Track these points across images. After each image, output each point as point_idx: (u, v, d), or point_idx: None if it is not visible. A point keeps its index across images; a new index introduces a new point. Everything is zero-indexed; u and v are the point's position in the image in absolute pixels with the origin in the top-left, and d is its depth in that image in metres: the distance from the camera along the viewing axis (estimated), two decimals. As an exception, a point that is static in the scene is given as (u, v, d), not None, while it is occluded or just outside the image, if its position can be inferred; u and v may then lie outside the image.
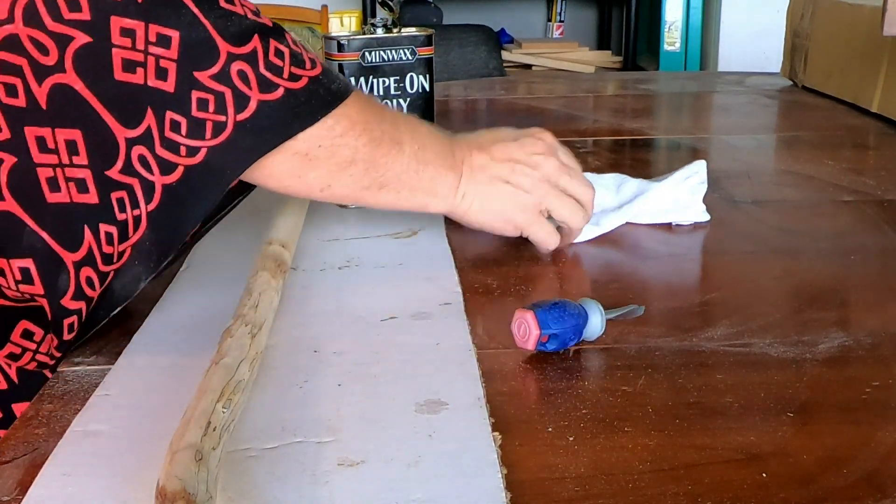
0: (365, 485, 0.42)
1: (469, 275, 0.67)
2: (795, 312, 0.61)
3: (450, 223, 0.78)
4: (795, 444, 0.45)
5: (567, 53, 2.84)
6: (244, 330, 0.51)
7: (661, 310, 0.61)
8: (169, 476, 0.37)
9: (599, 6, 3.19)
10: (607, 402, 0.50)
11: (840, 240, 0.76)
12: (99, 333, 0.59)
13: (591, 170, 0.97)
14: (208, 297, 0.64)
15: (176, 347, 0.56)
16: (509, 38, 3.01)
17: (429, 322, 0.59)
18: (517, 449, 0.45)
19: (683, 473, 0.43)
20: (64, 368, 0.55)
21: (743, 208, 0.84)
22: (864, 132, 1.15)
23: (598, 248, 0.73)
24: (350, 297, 0.64)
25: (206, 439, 0.40)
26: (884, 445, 0.45)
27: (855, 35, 1.25)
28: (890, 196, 0.86)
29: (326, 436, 0.46)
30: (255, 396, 0.50)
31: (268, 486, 0.42)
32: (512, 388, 0.51)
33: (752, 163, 1.02)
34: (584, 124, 1.24)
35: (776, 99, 1.39)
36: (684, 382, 0.52)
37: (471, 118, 1.36)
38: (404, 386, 0.51)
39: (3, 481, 0.43)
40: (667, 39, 2.71)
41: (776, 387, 0.51)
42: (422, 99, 0.82)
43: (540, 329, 0.53)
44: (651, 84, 1.58)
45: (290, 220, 0.71)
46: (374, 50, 0.79)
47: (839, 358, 0.54)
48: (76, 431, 0.47)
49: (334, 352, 0.55)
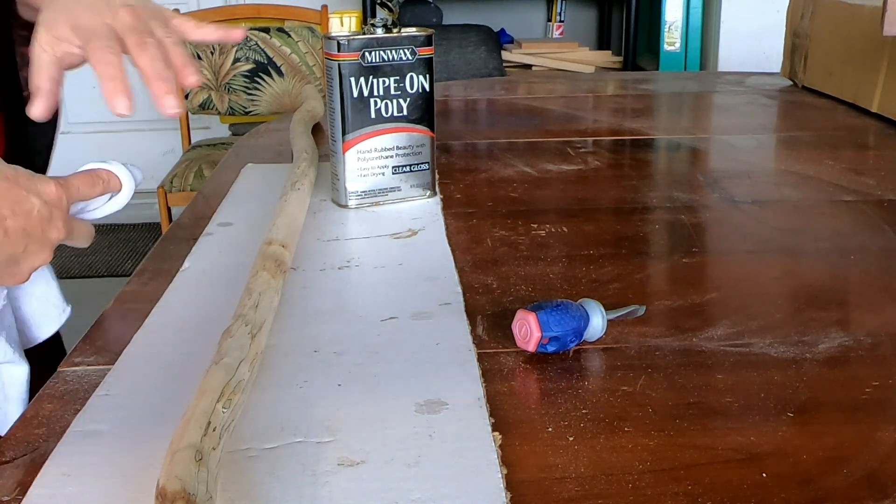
0: (365, 485, 0.42)
1: (469, 275, 0.67)
2: (795, 312, 0.61)
3: (450, 223, 0.78)
4: (795, 444, 0.45)
5: (567, 53, 2.84)
6: (244, 330, 0.51)
7: (661, 310, 0.61)
8: (169, 476, 0.37)
9: (599, 6, 3.19)
10: (607, 402, 0.50)
11: (840, 240, 0.76)
12: (99, 334, 0.59)
13: (590, 169, 0.98)
14: (208, 297, 0.64)
15: (176, 347, 0.56)
16: (509, 38, 3.01)
17: (429, 322, 0.59)
18: (517, 449, 0.45)
19: (683, 473, 0.43)
20: (64, 368, 0.55)
21: (743, 208, 0.84)
22: (864, 132, 1.15)
23: (597, 248, 0.73)
24: (350, 297, 0.64)
25: (206, 439, 0.40)
26: (884, 445, 0.45)
27: (855, 35, 1.25)
28: (890, 196, 0.86)
29: (326, 436, 0.46)
30: (255, 396, 0.50)
31: (268, 486, 0.42)
32: (512, 388, 0.51)
33: (752, 163, 1.02)
34: (584, 124, 1.24)
35: (776, 99, 1.39)
36: (684, 382, 0.52)
37: (471, 118, 1.36)
38: (404, 386, 0.51)
39: (3, 481, 0.43)
40: (667, 39, 2.71)
41: (776, 387, 0.51)
42: (422, 99, 0.82)
43: (541, 331, 0.53)
44: (651, 84, 1.58)
45: (290, 220, 0.71)
46: (374, 50, 0.79)
47: (839, 358, 0.54)
48: (76, 431, 0.47)
49: (334, 352, 0.55)
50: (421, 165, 0.84)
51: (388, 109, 0.81)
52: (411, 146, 0.83)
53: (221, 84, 2.65)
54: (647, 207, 0.85)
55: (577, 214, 0.83)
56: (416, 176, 0.85)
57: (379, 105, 0.81)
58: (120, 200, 0.64)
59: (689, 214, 0.82)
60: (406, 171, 0.84)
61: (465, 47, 2.49)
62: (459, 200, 0.86)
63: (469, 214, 0.82)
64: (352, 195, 0.83)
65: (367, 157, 0.82)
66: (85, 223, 0.62)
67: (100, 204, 0.63)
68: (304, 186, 0.80)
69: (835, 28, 1.32)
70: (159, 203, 2.50)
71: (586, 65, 2.79)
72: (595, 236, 0.76)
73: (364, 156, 0.82)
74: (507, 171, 0.97)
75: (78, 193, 0.60)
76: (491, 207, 0.84)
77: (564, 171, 0.97)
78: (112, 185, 0.63)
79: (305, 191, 0.80)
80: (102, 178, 0.61)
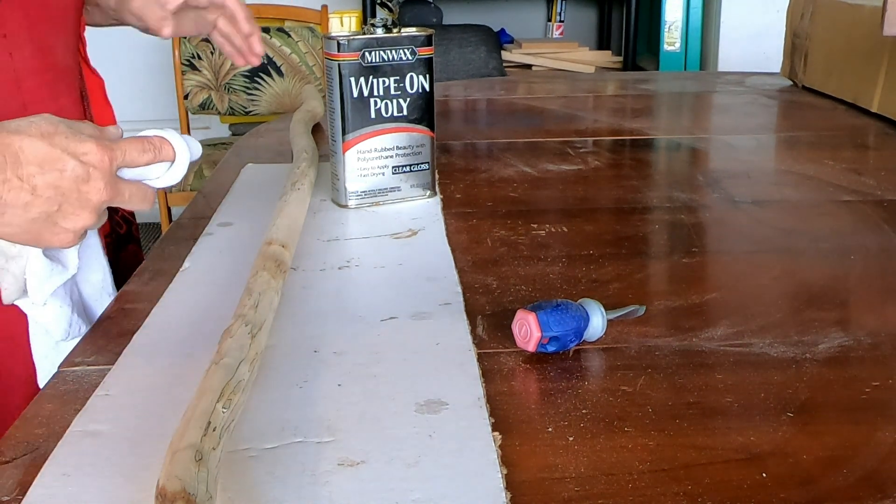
0: (365, 485, 0.42)
1: (469, 275, 0.67)
2: (795, 312, 0.61)
3: (450, 223, 0.78)
4: (795, 444, 0.45)
5: (567, 53, 2.83)
6: (244, 330, 0.51)
7: (661, 310, 0.61)
8: (169, 476, 0.37)
9: (599, 6, 3.19)
10: (607, 402, 0.50)
11: (840, 240, 0.76)
12: (99, 333, 0.59)
13: (590, 169, 0.98)
14: (208, 297, 0.64)
15: (176, 347, 0.56)
16: (509, 38, 3.01)
17: (429, 322, 0.59)
18: (517, 449, 0.45)
19: (683, 473, 0.43)
20: (64, 368, 0.55)
21: (743, 208, 0.84)
22: (864, 132, 1.15)
23: (597, 248, 0.73)
24: (350, 297, 0.64)
25: (206, 439, 0.40)
26: (884, 445, 0.45)
27: (855, 35, 1.25)
28: (890, 196, 0.86)
29: (326, 436, 0.46)
30: (255, 396, 0.50)
31: (268, 486, 0.42)
32: (512, 388, 0.51)
33: (752, 163, 1.02)
34: (584, 124, 1.24)
35: (776, 99, 1.39)
36: (684, 382, 0.52)
37: (471, 118, 1.37)
38: (404, 386, 0.51)
39: (3, 481, 0.43)
40: (667, 39, 2.71)
41: (776, 387, 0.51)
42: (422, 99, 0.82)
43: (541, 331, 0.53)
44: (651, 84, 1.58)
45: (290, 221, 0.71)
46: (374, 50, 0.79)
47: (839, 358, 0.54)
48: (76, 431, 0.47)
49: (334, 352, 0.55)
50: (421, 165, 0.84)
51: (388, 109, 0.81)
52: (411, 146, 0.83)
53: (221, 84, 2.65)
54: (647, 207, 0.85)
55: (577, 214, 0.83)
56: (416, 176, 0.85)
57: (379, 105, 0.81)
58: (177, 172, 0.63)
59: (689, 214, 0.82)
60: (406, 171, 0.84)
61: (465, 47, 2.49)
62: (459, 200, 0.86)
63: (469, 214, 0.82)
64: (352, 195, 0.83)
65: (367, 157, 0.82)
66: (139, 185, 0.61)
67: (159, 174, 0.62)
68: (304, 186, 0.80)
69: (835, 28, 1.32)
70: (159, 203, 2.50)
71: (586, 65, 2.79)
72: (595, 236, 0.76)
73: (364, 156, 0.82)
74: (507, 171, 0.97)
75: (125, 157, 0.60)
76: (491, 207, 0.84)
77: (564, 171, 0.97)
78: (164, 154, 0.62)
79: (305, 191, 0.80)
80: (154, 146, 0.61)
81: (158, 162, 0.62)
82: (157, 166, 0.62)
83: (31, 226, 0.56)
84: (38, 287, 0.64)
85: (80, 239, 0.59)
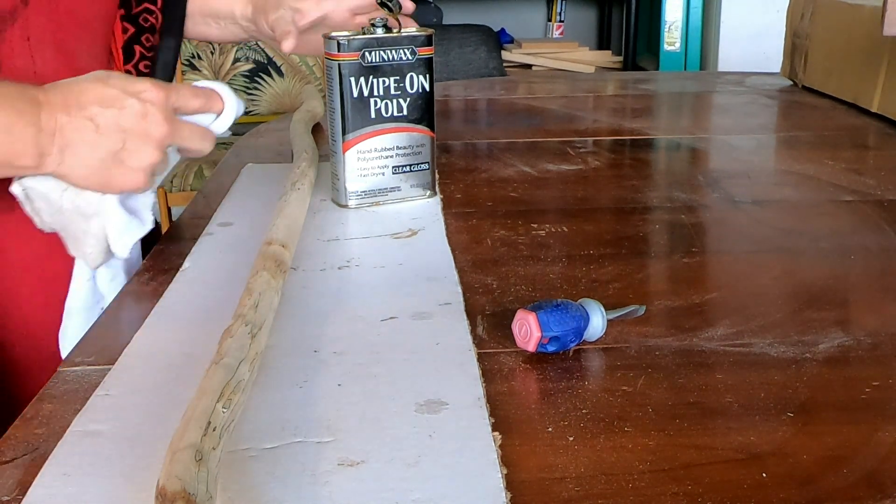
0: (365, 485, 0.42)
1: (469, 275, 0.67)
2: (795, 312, 0.61)
3: (450, 223, 0.78)
4: (795, 444, 0.45)
5: (567, 53, 2.84)
6: (244, 330, 0.51)
7: (661, 310, 0.61)
8: (169, 476, 0.37)
9: (599, 6, 3.19)
10: (607, 402, 0.50)
11: (840, 240, 0.76)
12: (99, 333, 0.59)
13: (590, 169, 0.98)
14: (208, 297, 0.64)
15: (176, 347, 0.56)
16: (509, 38, 3.01)
17: (429, 322, 0.59)
18: (517, 449, 0.45)
19: (683, 473, 0.43)
20: (64, 368, 0.55)
21: (743, 208, 0.84)
22: (864, 132, 1.15)
23: (597, 248, 0.73)
24: (350, 297, 0.64)
25: (206, 439, 0.40)
26: (884, 445, 0.45)
27: (855, 35, 1.25)
28: (890, 196, 0.86)
29: (326, 436, 0.46)
30: (255, 396, 0.50)
31: (268, 486, 0.42)
32: (512, 388, 0.51)
33: (752, 163, 1.02)
34: (584, 124, 1.24)
35: (776, 99, 1.39)
36: (684, 382, 0.52)
37: (471, 118, 1.37)
38: (404, 386, 0.51)
39: (3, 481, 0.43)
40: (667, 39, 2.71)
41: (776, 387, 0.51)
42: (422, 99, 0.82)
43: (541, 331, 0.53)
44: (651, 84, 1.58)
45: (290, 220, 0.71)
46: (374, 50, 0.79)
47: (839, 358, 0.54)
48: (76, 431, 0.47)
49: (334, 352, 0.55)
50: (421, 165, 0.84)
51: (388, 109, 0.81)
52: (411, 146, 0.83)
53: (221, 84, 2.65)
54: (647, 207, 0.85)
55: (577, 214, 0.83)
56: (416, 176, 0.85)
57: (379, 105, 0.81)
58: (224, 121, 0.65)
59: (689, 214, 0.82)
60: (406, 171, 0.84)
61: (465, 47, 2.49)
62: (459, 200, 0.86)
63: (469, 214, 0.82)
64: (352, 195, 0.83)
65: (367, 157, 0.82)
66: (198, 126, 0.63)
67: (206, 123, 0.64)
68: (304, 186, 0.80)
69: (835, 28, 1.32)
70: (159, 203, 2.50)
71: (586, 65, 2.79)
72: (595, 236, 0.76)
73: (364, 156, 0.82)
74: (507, 170, 0.97)
75: (178, 98, 0.62)
76: (491, 207, 0.84)
77: (564, 171, 0.97)
78: (214, 104, 0.65)
79: (305, 191, 0.80)
80: (206, 94, 0.63)
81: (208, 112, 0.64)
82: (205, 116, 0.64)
83: (101, 166, 0.59)
84: (118, 238, 0.64)
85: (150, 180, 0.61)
